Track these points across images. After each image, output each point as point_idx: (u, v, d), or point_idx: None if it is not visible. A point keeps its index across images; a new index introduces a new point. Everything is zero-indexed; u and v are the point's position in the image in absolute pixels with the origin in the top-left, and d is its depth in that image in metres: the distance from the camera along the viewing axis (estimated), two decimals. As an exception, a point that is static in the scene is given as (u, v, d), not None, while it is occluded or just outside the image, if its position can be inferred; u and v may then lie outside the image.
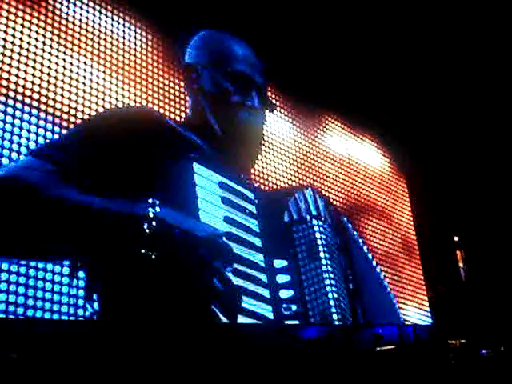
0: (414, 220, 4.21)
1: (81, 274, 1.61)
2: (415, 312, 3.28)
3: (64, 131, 2.07)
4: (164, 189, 1.52)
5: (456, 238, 4.59)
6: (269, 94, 3.08)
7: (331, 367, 1.77)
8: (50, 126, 2.05)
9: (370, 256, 2.50)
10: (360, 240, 2.39)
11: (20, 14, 2.13)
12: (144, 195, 1.47)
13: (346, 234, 2.22)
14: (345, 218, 2.32)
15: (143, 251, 1.35)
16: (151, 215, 1.35)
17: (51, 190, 1.38)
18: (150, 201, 1.42)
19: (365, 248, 2.45)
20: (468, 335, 2.97)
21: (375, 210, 3.46)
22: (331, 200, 2.68)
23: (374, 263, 2.63)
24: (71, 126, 2.09)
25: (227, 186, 1.65)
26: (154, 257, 1.34)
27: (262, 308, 1.64)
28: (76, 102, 2.17)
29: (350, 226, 2.34)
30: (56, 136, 2.07)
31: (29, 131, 2.00)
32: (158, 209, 1.38)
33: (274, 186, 2.76)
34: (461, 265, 4.52)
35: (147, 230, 1.34)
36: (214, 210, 1.56)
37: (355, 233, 2.40)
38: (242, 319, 1.58)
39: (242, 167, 1.95)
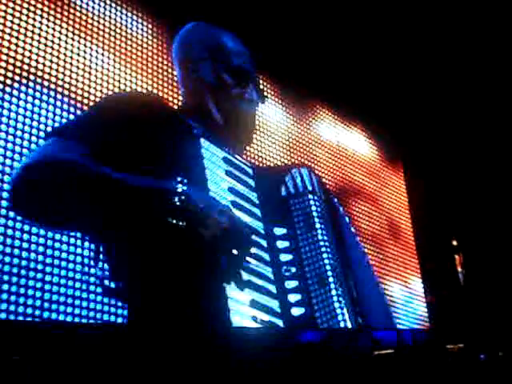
0: (413, 224, 4.37)
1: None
2: (398, 288, 3.52)
3: (78, 110, 2.32)
4: (177, 163, 1.62)
5: (455, 243, 4.55)
6: (263, 82, 3.33)
7: (329, 371, 1.76)
8: (65, 106, 2.31)
9: (357, 238, 2.53)
10: (347, 220, 2.37)
11: (39, 6, 2.36)
12: (160, 171, 1.57)
13: (336, 214, 2.22)
14: (335, 199, 2.32)
15: (173, 221, 1.46)
16: (180, 190, 1.46)
17: (91, 168, 1.47)
18: (179, 179, 1.51)
19: (352, 229, 2.44)
20: (466, 340, 2.83)
21: (362, 194, 3.68)
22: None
23: (361, 245, 2.74)
24: (84, 106, 2.35)
25: (230, 161, 1.73)
26: (182, 226, 1.45)
27: (262, 268, 1.71)
28: (89, 85, 2.41)
29: (340, 207, 2.35)
30: (71, 116, 2.32)
31: (47, 110, 2.25)
32: (184, 186, 1.48)
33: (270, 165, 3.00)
34: (459, 269, 4.47)
35: (177, 203, 1.45)
36: (219, 180, 1.67)
37: (344, 214, 2.39)
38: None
39: (239, 151, 2.03)
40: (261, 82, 3.21)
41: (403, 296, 3.58)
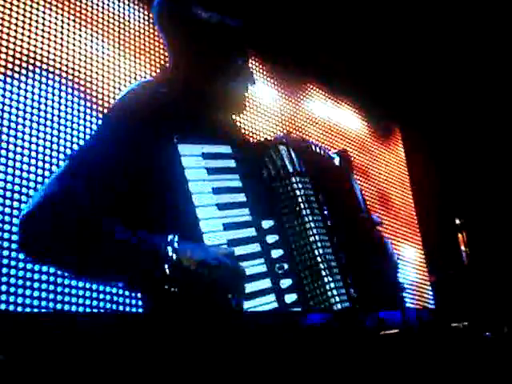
0: (415, 202, 4.47)
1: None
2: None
3: (81, 94, 2.49)
4: (161, 184, 1.67)
5: (458, 221, 4.62)
6: (255, 61, 3.49)
7: (334, 353, 1.77)
8: (69, 90, 2.48)
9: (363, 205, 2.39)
10: (354, 185, 2.31)
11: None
12: (152, 203, 1.66)
13: (336, 183, 2.14)
14: (336, 162, 2.25)
15: (165, 287, 1.52)
16: (170, 254, 1.51)
17: (95, 224, 1.55)
18: (169, 237, 1.55)
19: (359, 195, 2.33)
20: (471, 318, 2.86)
21: (354, 167, 3.85)
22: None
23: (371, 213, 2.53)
24: (87, 89, 2.51)
25: (208, 153, 1.72)
26: (175, 291, 1.51)
27: (254, 265, 1.73)
28: (90, 70, 2.57)
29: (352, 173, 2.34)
30: (75, 101, 2.49)
31: (53, 94, 2.42)
32: (176, 245, 1.53)
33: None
34: (463, 248, 4.54)
35: (167, 270, 1.51)
36: (203, 186, 1.68)
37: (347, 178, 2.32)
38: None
39: (224, 115, 2.04)
40: (253, 61, 3.42)
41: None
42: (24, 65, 2.36)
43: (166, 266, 1.50)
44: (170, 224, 1.64)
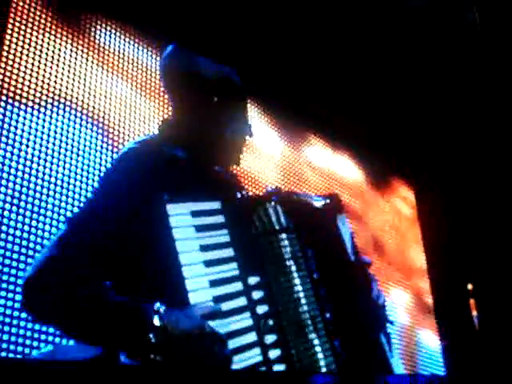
0: (428, 267, 4.56)
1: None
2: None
3: (95, 128, 2.75)
4: (150, 245, 1.76)
5: (470, 286, 4.60)
6: (259, 110, 3.77)
7: None
8: (83, 123, 2.74)
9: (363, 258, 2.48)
10: (348, 240, 2.29)
11: (68, 40, 2.81)
12: (143, 265, 1.77)
13: (328, 239, 2.16)
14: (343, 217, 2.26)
15: (151, 355, 1.60)
16: (156, 322, 1.60)
17: (86, 293, 1.66)
18: (156, 306, 1.63)
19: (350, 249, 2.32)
20: None
21: (349, 213, 4.07)
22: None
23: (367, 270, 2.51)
24: (100, 124, 2.77)
25: (197, 211, 1.77)
26: (158, 359, 1.57)
27: (239, 320, 1.78)
28: (104, 107, 2.84)
29: (326, 218, 2.26)
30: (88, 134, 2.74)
31: (72, 132, 2.69)
32: (162, 312, 1.61)
33: (256, 191, 3.32)
34: (474, 313, 4.50)
35: (152, 340, 1.59)
36: (190, 245, 1.74)
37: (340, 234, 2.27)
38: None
39: (222, 161, 2.14)
40: (256, 108, 3.70)
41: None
42: (50, 100, 2.63)
43: (152, 335, 1.59)
44: (157, 284, 1.71)
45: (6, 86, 2.53)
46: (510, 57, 4.18)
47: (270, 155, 3.76)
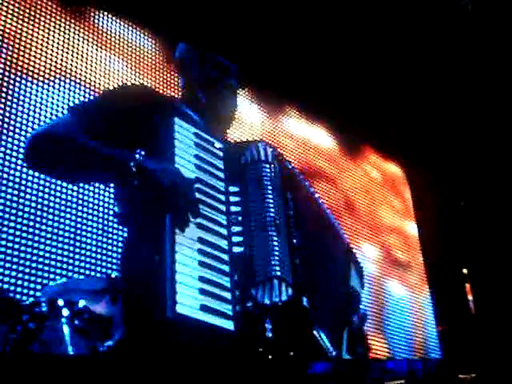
0: (424, 252, 4.90)
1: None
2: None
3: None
4: (151, 140, 2.02)
5: (465, 271, 4.78)
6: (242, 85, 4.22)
7: None
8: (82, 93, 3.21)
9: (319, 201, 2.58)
10: (308, 187, 2.52)
11: (73, 25, 3.27)
12: (134, 146, 2.06)
13: (295, 181, 2.40)
14: (297, 172, 2.52)
15: (129, 179, 1.85)
16: (137, 157, 1.90)
17: (77, 139, 1.98)
18: (137, 152, 1.98)
19: (316, 195, 2.54)
20: (478, 369, 2.94)
21: (323, 176, 4.56)
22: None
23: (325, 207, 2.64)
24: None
25: (200, 135, 2.04)
26: (135, 184, 1.84)
27: (217, 215, 1.95)
28: (105, 82, 3.31)
29: (303, 180, 2.52)
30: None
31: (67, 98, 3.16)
32: (140, 157, 1.93)
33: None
34: (470, 297, 4.68)
35: (132, 168, 1.84)
36: (188, 150, 1.98)
37: (304, 181, 2.54)
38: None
39: (217, 130, 2.33)
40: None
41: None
42: (56, 76, 3.10)
43: (132, 164, 1.85)
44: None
45: (20, 63, 3.00)
46: (502, 41, 4.42)
47: (251, 125, 4.24)
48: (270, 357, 1.79)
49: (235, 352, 1.83)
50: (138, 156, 1.93)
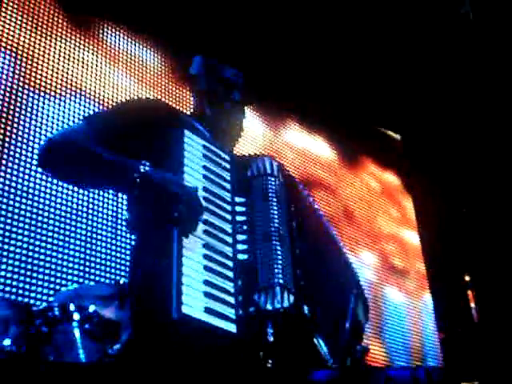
0: (426, 259, 4.92)
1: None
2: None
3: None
4: (160, 151, 2.10)
5: (467, 278, 4.77)
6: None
7: None
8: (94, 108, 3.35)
9: (319, 213, 2.71)
10: (310, 200, 2.63)
11: (80, 41, 3.42)
12: (143, 157, 2.10)
13: (298, 194, 2.49)
14: (301, 185, 2.61)
15: (132, 190, 1.95)
16: (141, 168, 1.94)
17: (86, 146, 2.07)
18: (143, 162, 2.00)
19: (315, 206, 2.65)
20: (482, 377, 2.99)
21: (322, 185, 4.70)
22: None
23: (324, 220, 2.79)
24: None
25: (208, 147, 2.13)
26: (138, 195, 1.94)
27: (223, 223, 2.04)
28: (112, 95, 3.45)
29: (305, 190, 2.63)
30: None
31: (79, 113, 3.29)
32: (146, 167, 1.96)
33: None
34: (472, 305, 4.65)
35: (137, 179, 1.92)
36: (197, 162, 2.06)
37: (307, 194, 2.67)
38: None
39: (225, 143, 2.40)
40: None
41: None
42: (65, 90, 3.24)
43: (136, 173, 1.94)
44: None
45: (32, 79, 3.14)
46: (503, 49, 4.47)
47: (253, 137, 4.38)
48: (270, 360, 1.85)
49: (237, 354, 1.90)
50: (142, 166, 1.98)
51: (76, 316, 2.26)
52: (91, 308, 2.32)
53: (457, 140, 5.18)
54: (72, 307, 2.27)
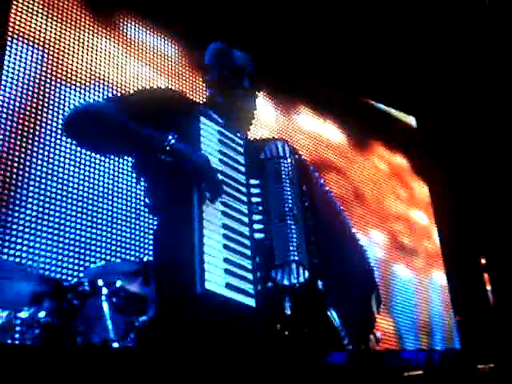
0: (441, 242, 5.01)
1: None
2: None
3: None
4: (179, 135, 2.23)
5: (483, 261, 4.82)
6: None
7: None
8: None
9: (330, 194, 2.79)
10: (321, 183, 2.72)
11: (103, 34, 3.62)
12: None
13: (309, 176, 2.58)
14: (311, 167, 2.74)
15: (163, 157, 2.11)
16: (170, 138, 2.12)
17: (116, 118, 2.26)
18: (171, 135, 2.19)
19: (326, 188, 2.73)
20: (497, 360, 2.83)
21: (333, 168, 4.88)
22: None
23: (334, 200, 2.93)
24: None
25: (223, 133, 2.25)
26: (169, 161, 2.09)
27: (239, 204, 2.18)
28: (133, 86, 3.66)
29: (315, 172, 2.74)
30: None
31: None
32: (173, 140, 2.15)
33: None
34: (488, 288, 4.72)
35: (166, 147, 2.08)
36: (212, 150, 2.20)
37: (318, 177, 2.73)
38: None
39: (238, 129, 2.52)
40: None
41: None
42: (90, 81, 3.45)
43: (167, 143, 2.15)
44: None
45: (59, 71, 3.35)
46: None
47: (266, 122, 4.57)
48: (286, 333, 1.98)
49: (256, 326, 2.05)
50: (171, 137, 2.15)
51: (104, 290, 2.37)
52: (118, 283, 2.42)
53: (474, 122, 5.26)
54: (100, 282, 2.38)
